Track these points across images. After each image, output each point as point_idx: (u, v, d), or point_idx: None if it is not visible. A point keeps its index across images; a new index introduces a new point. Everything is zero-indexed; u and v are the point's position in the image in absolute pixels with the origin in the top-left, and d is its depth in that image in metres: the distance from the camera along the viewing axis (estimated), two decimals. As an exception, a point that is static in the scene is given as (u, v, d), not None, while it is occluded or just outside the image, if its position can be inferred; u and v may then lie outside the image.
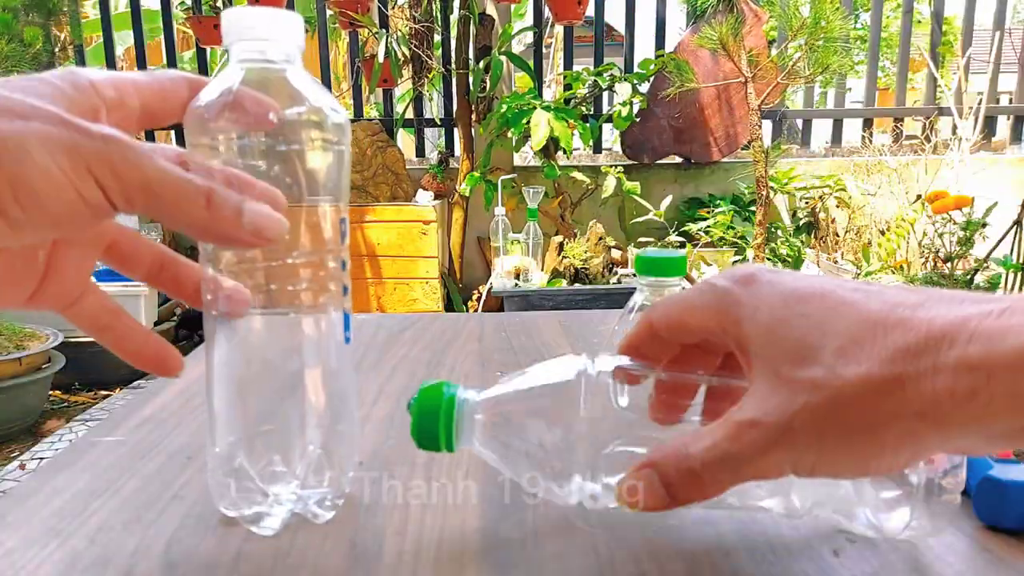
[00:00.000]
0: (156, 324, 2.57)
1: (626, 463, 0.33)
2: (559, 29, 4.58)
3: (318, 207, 0.35)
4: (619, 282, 2.29)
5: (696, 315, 0.32)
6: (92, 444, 0.46)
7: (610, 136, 3.75)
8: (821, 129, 3.70)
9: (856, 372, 0.26)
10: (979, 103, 3.33)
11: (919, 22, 4.63)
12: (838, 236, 3.10)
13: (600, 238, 2.39)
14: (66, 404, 2.40)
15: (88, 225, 0.27)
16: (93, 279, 0.35)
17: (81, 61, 3.52)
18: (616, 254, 2.41)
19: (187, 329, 2.85)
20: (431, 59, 3.17)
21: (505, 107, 2.78)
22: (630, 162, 3.40)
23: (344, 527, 0.36)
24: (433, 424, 0.34)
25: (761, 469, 0.28)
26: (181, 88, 0.33)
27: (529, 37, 3.62)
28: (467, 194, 3.05)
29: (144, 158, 0.26)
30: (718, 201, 3.24)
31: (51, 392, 2.35)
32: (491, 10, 3.12)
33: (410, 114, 3.44)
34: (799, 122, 3.66)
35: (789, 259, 2.70)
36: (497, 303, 2.22)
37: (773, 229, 3.03)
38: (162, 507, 0.38)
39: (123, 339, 0.35)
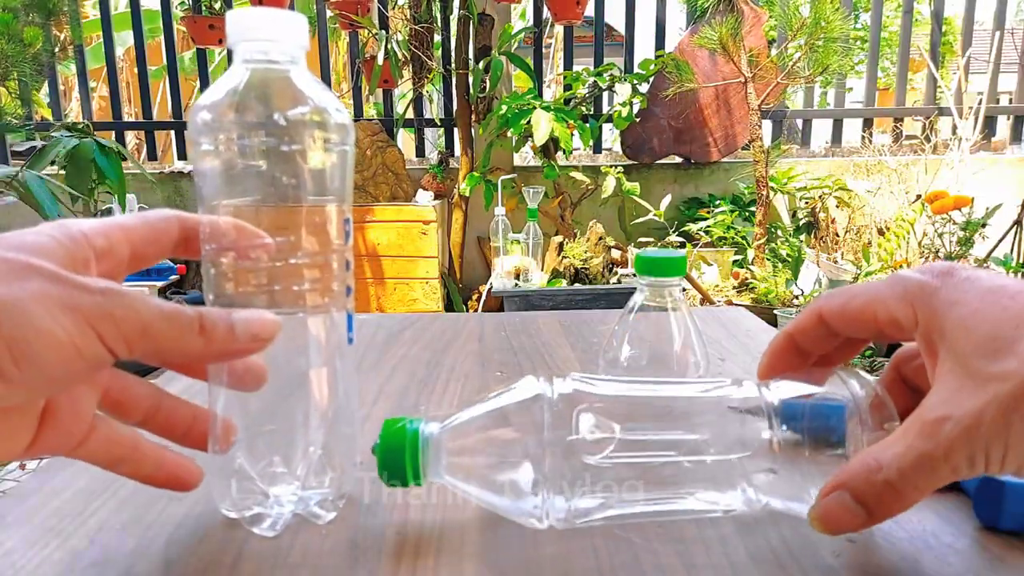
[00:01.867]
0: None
1: (591, 480, 0.33)
2: (559, 29, 4.58)
3: (322, 208, 0.35)
4: (619, 282, 2.29)
5: (887, 306, 0.32)
6: (92, 444, 0.46)
7: (610, 136, 3.75)
8: (821, 129, 3.70)
9: None
10: (979, 103, 3.33)
11: (919, 22, 4.63)
12: (838, 236, 3.10)
13: (600, 238, 2.39)
14: (66, 404, 2.40)
15: (83, 379, 0.28)
16: (100, 414, 0.33)
17: (81, 61, 3.53)
18: (616, 254, 2.41)
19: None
20: (431, 59, 3.17)
21: (505, 107, 2.78)
22: (630, 162, 3.40)
23: (344, 527, 0.36)
24: (399, 460, 0.34)
25: (957, 466, 0.28)
26: (172, 228, 0.34)
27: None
28: (467, 194, 3.05)
29: (139, 303, 0.27)
30: (718, 201, 3.24)
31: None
32: (491, 10, 3.12)
33: (410, 114, 3.44)
34: (799, 122, 3.66)
35: (789, 259, 2.70)
36: (497, 303, 2.22)
37: (773, 229, 3.03)
38: (162, 507, 0.38)
39: (139, 467, 0.34)
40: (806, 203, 3.16)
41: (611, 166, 3.15)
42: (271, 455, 0.35)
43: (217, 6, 3.23)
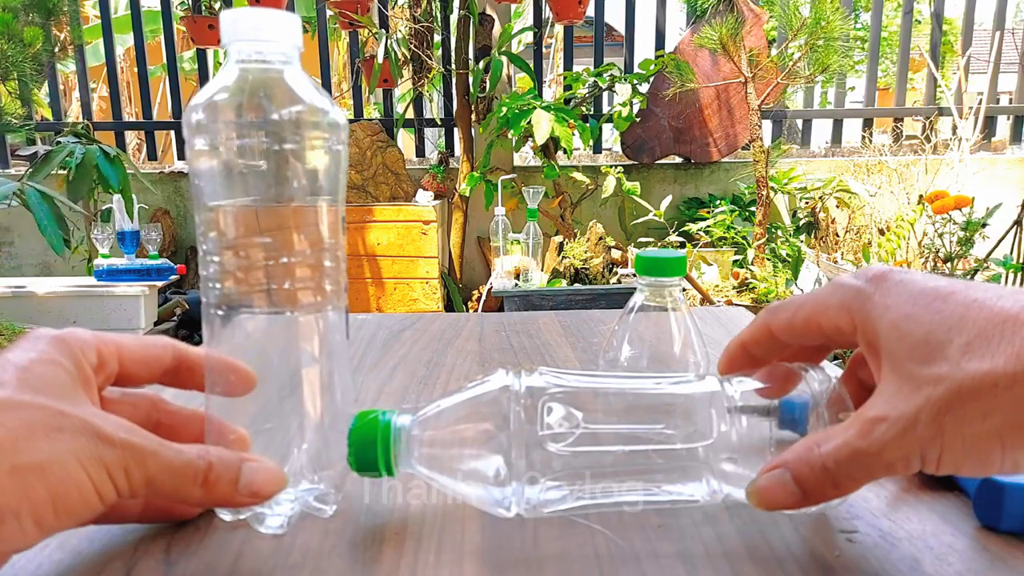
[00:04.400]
0: (156, 324, 2.57)
1: (556, 471, 0.34)
2: (559, 29, 4.58)
3: (316, 206, 0.35)
4: (619, 282, 2.29)
5: (829, 315, 0.33)
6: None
7: (610, 136, 3.75)
8: (821, 129, 3.69)
9: (979, 367, 0.27)
10: (979, 103, 3.33)
11: (919, 22, 4.63)
12: (838, 236, 3.10)
13: (600, 238, 2.39)
14: (66, 404, 2.40)
15: (97, 514, 0.30)
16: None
17: (81, 61, 3.53)
18: (616, 254, 2.41)
19: (187, 329, 2.86)
20: (431, 59, 3.17)
21: (505, 108, 2.78)
22: (630, 162, 3.40)
23: (344, 527, 0.36)
24: (371, 452, 0.35)
25: (890, 464, 0.29)
26: (166, 356, 0.36)
27: (529, 37, 3.62)
28: (467, 194, 3.05)
29: (150, 457, 0.30)
30: (718, 201, 3.24)
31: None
32: (491, 10, 3.12)
33: (410, 114, 3.44)
34: (799, 122, 3.66)
35: (789, 259, 2.70)
36: (497, 303, 2.22)
37: (773, 229, 3.03)
38: (162, 507, 0.38)
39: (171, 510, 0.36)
40: (806, 203, 3.16)
41: (611, 166, 3.15)
42: (266, 454, 0.35)
43: (217, 6, 3.23)
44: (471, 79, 2.99)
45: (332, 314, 0.36)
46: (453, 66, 3.10)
